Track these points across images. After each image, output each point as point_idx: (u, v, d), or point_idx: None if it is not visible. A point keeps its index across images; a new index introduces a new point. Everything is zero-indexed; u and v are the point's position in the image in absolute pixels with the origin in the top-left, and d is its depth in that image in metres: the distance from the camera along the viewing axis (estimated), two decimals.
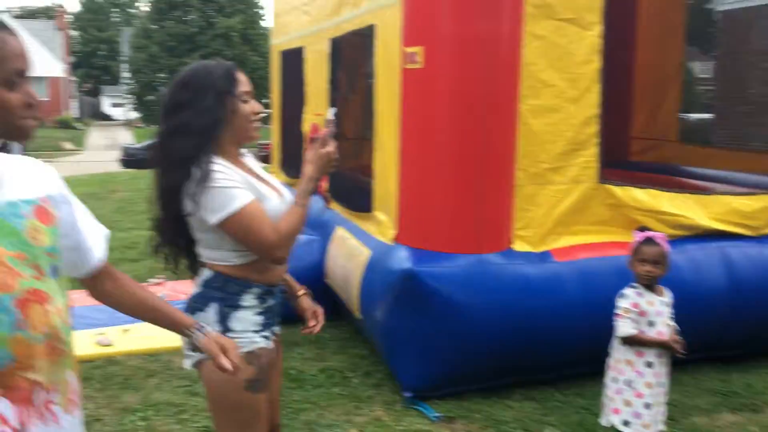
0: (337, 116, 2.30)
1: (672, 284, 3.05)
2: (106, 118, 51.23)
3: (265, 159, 8.86)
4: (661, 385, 2.93)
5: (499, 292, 3.67)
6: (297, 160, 5.96)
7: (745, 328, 4.19)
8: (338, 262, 4.54)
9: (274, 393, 2.26)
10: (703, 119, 9.59)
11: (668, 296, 2.98)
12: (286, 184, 6.30)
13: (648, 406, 2.87)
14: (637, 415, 2.87)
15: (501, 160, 3.73)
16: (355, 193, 4.77)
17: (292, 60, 6.16)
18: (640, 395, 2.87)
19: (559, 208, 3.89)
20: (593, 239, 3.95)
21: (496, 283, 3.68)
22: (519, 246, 3.84)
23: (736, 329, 4.17)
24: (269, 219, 1.98)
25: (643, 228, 3.07)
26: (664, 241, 2.90)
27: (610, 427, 2.98)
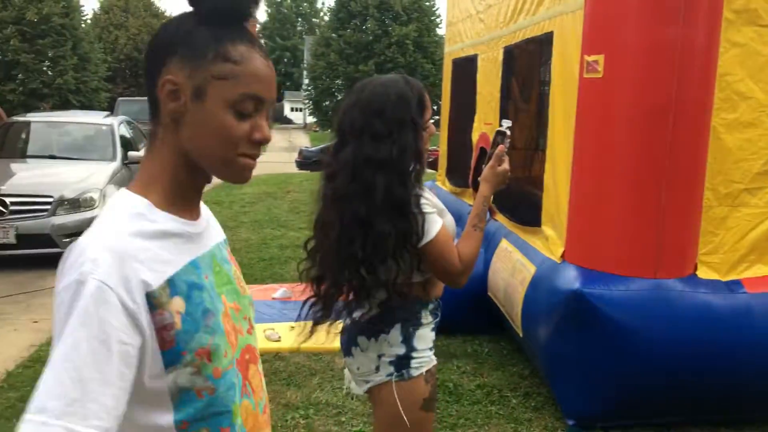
0: (510, 129, 2.21)
1: None
2: (287, 121, 54.30)
3: (432, 165, 8.87)
4: None
5: (677, 322, 3.37)
6: (463, 169, 5.90)
7: None
8: (501, 276, 4.42)
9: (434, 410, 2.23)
10: None
11: None
12: (452, 194, 6.29)
13: None
14: None
15: (687, 178, 3.42)
16: (522, 206, 4.61)
17: (464, 68, 6.11)
18: None
19: (754, 234, 3.50)
20: None
21: (675, 312, 3.38)
22: (704, 273, 3.51)
23: None
24: (453, 244, 2.00)
25: None
26: None
27: None
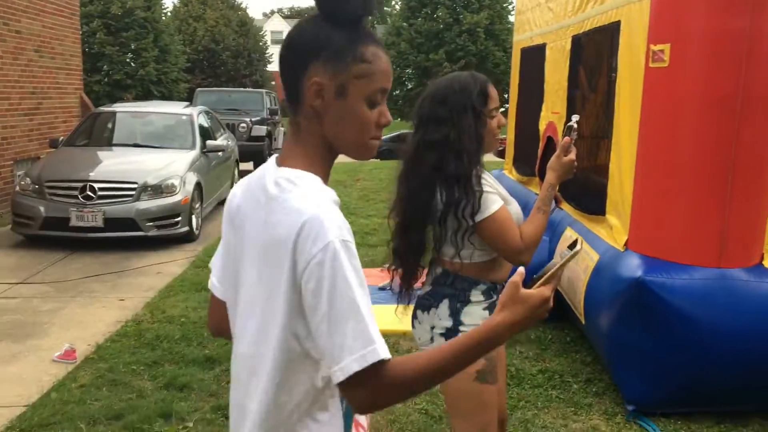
0: (578, 123, 2.30)
1: None
2: None
3: (501, 154, 8.89)
4: None
5: (742, 312, 3.36)
6: (530, 158, 5.94)
7: None
8: None
9: (501, 384, 2.38)
10: None
11: None
12: (518, 182, 6.33)
13: None
14: None
15: (754, 168, 3.40)
16: (587, 195, 4.63)
17: (532, 57, 6.13)
18: None
19: None
20: None
21: (740, 302, 3.38)
22: None
23: None
24: (515, 224, 2.14)
25: None
26: None
27: None
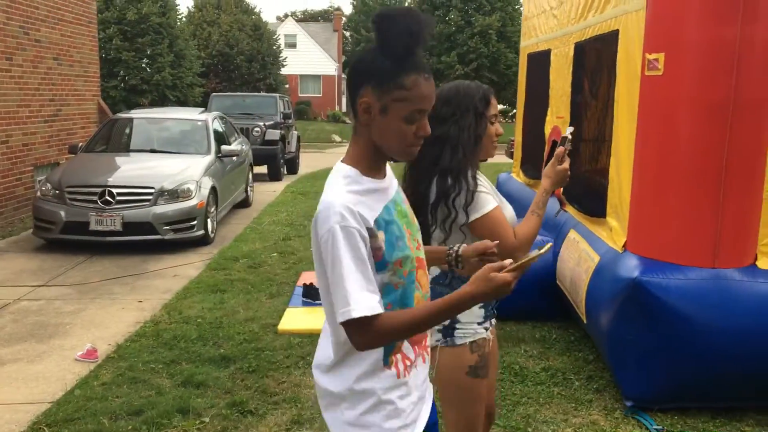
0: (573, 135, 2.44)
1: None
2: None
3: (512, 155, 9.01)
4: None
5: (735, 311, 3.48)
6: (536, 161, 6.08)
7: None
8: (568, 265, 4.60)
9: (491, 380, 2.51)
10: None
11: None
12: (526, 185, 6.47)
13: None
14: None
15: (747, 171, 3.52)
16: (590, 197, 4.77)
17: (538, 62, 6.27)
18: None
19: None
20: None
21: (733, 301, 3.50)
22: (764, 263, 3.61)
23: None
24: (509, 224, 2.28)
25: None
26: None
27: None
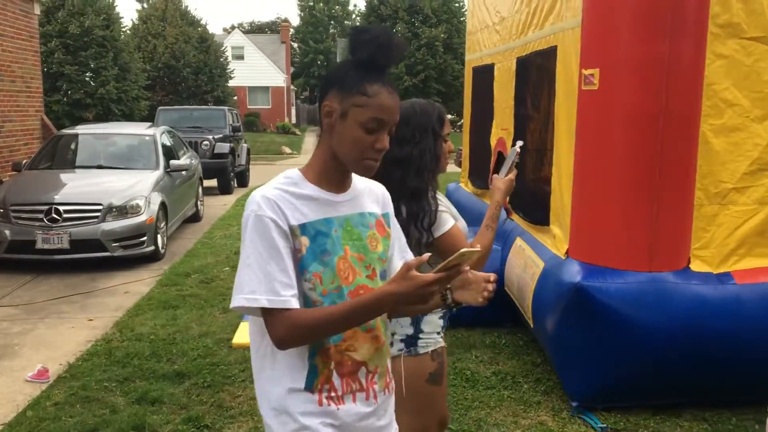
0: (522, 149, 2.60)
1: None
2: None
3: (460, 164, 9.21)
4: None
5: (671, 312, 3.68)
6: (483, 172, 6.25)
7: None
8: (515, 272, 4.76)
9: (444, 386, 2.61)
10: None
11: None
12: (474, 195, 6.64)
13: None
14: None
15: (679, 180, 3.73)
16: (534, 206, 4.95)
17: (483, 75, 6.46)
18: None
19: (742, 230, 3.80)
20: None
21: (669, 302, 3.69)
22: (697, 266, 3.82)
23: None
24: (466, 239, 2.41)
25: None
26: None
27: None
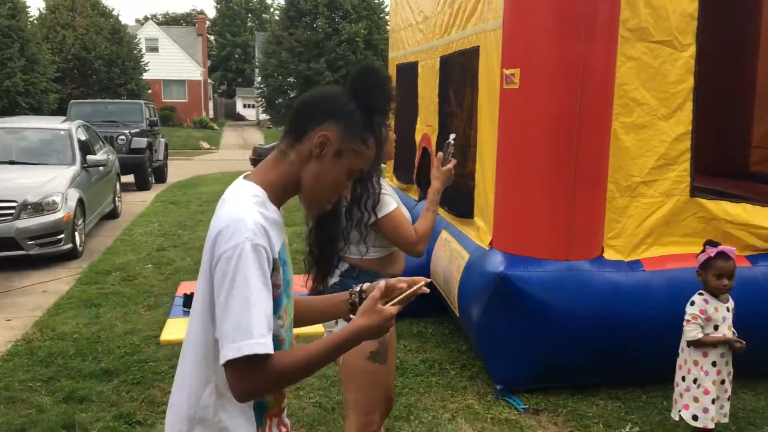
0: (454, 141, 2.82)
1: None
2: (240, 118, 53.21)
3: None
4: (724, 382, 3.18)
5: (587, 297, 3.93)
6: (408, 167, 6.41)
7: None
8: (441, 264, 4.94)
9: (391, 366, 2.78)
10: None
11: (731, 303, 3.23)
12: (398, 189, 6.79)
13: (714, 401, 3.11)
14: (705, 410, 3.12)
15: (593, 174, 3.98)
16: (458, 200, 5.13)
17: (407, 73, 6.61)
18: (707, 392, 3.11)
19: (650, 220, 4.09)
20: (684, 250, 4.10)
21: (585, 289, 3.94)
22: (609, 255, 4.09)
23: None
24: (409, 221, 2.65)
25: (712, 242, 3.25)
26: (734, 255, 3.11)
27: (679, 420, 3.24)
